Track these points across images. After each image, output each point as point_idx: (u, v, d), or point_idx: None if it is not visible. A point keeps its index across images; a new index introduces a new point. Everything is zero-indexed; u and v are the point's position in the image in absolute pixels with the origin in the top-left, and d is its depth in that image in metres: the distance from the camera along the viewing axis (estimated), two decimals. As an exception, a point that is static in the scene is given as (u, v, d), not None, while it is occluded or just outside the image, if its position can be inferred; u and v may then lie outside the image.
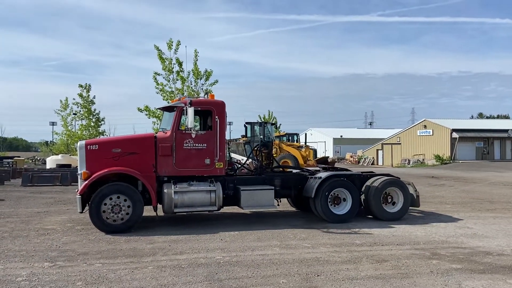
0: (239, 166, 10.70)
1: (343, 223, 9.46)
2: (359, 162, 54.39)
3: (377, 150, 55.39)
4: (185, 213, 9.58)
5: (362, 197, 10.07)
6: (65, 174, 20.30)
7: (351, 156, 57.75)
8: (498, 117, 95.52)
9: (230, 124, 40.33)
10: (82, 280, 5.47)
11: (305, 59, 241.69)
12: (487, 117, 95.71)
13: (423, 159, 47.46)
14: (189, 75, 27.75)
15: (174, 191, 8.77)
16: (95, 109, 38.72)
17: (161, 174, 9.00)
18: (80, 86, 37.88)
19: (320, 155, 48.49)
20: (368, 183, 10.17)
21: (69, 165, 25.43)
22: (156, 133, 9.49)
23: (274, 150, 22.54)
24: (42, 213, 11.25)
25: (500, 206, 12.70)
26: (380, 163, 53.45)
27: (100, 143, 9.07)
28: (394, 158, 51.59)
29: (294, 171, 11.44)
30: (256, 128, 26.85)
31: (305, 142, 30.91)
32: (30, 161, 51.49)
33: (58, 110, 39.97)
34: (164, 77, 27.49)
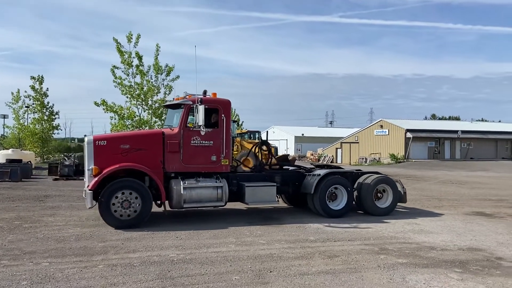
0: (239, 163, 11.09)
1: (299, 220, 9.67)
2: (319, 160, 55.46)
3: (336, 148, 56.72)
4: (189, 209, 9.58)
5: (355, 193, 10.55)
6: (15, 170, 19.34)
7: (312, 154, 58.83)
8: (450, 118, 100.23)
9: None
10: (28, 280, 5.27)
11: (269, 57, 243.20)
12: (440, 119, 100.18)
13: (379, 158, 49.12)
14: (149, 69, 27.27)
15: (183, 187, 8.94)
16: (48, 102, 37.24)
17: (169, 170, 9.15)
18: (33, 78, 36.26)
19: (282, 152, 49.02)
20: (360, 180, 10.74)
21: (19, 160, 24.27)
22: (162, 130, 9.55)
23: (235, 147, 22.59)
24: (-12, 210, 10.69)
25: (447, 203, 13.37)
26: (339, 161, 54.74)
27: (109, 139, 9.09)
28: (352, 156, 53.03)
29: (291, 168, 11.72)
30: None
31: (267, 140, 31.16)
32: (-23, 155, 48.64)
33: (10, 102, 37.99)
34: (123, 71, 26.89)
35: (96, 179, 8.36)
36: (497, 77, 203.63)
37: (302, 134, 71.11)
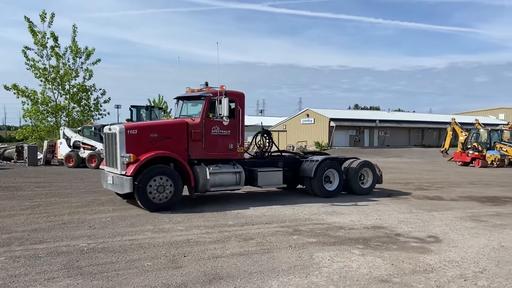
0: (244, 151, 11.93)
1: (221, 207, 9.81)
2: (248, 148, 56.19)
3: (265, 136, 57.82)
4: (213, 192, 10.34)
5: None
6: None
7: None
8: (371, 108, 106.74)
9: (118, 108, 37.93)
10: None
11: (199, 44, 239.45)
12: (362, 108, 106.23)
13: (305, 146, 50.98)
14: (66, 51, 25.56)
15: (209, 172, 9.75)
16: (-50, 85, 33.47)
17: (193, 157, 9.90)
18: None
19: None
20: (345, 164, 12.22)
21: None
22: (185, 119, 10.05)
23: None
24: None
25: (360, 187, 14.31)
26: (267, 149, 56.00)
27: (139, 128, 9.57)
28: (281, 144, 54.15)
29: (287, 155, 12.84)
30: (143, 112, 25.95)
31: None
32: None
33: None
34: (36, 53, 24.94)
35: (135, 166, 8.82)
36: (412, 70, 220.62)
37: (232, 122, 71.34)
